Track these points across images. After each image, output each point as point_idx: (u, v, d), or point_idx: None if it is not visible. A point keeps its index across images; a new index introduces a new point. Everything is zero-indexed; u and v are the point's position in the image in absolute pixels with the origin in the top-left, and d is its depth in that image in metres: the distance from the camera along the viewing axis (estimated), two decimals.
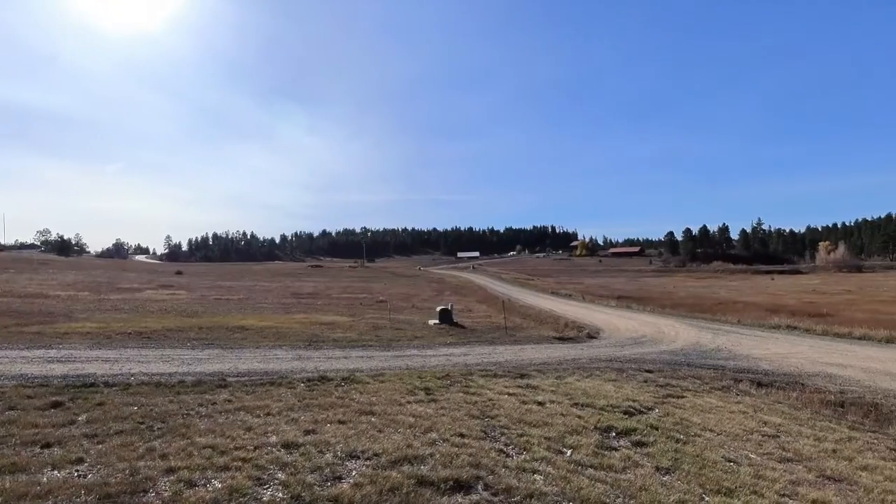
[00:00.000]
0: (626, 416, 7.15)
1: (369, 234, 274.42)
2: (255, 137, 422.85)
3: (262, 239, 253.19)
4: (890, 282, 66.91)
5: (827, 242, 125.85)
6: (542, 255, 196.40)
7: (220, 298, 32.90)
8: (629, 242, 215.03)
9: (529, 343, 16.46)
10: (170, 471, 4.39)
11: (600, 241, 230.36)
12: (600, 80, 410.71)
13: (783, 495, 4.65)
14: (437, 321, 21.01)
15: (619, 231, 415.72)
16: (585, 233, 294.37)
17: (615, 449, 5.76)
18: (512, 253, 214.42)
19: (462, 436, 5.88)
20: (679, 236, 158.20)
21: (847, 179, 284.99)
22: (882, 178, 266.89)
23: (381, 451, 5.15)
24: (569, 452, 5.52)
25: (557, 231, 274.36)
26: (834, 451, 6.12)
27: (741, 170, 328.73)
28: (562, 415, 7.09)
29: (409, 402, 7.46)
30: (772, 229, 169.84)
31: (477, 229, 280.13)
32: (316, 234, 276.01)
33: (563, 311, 29.55)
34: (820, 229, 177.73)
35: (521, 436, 6.01)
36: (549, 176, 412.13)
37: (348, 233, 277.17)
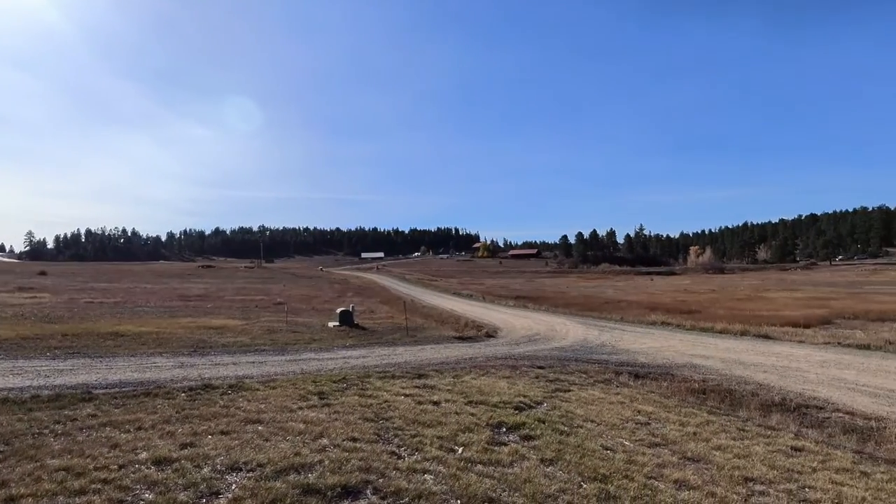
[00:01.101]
0: (517, 412, 7.43)
1: (268, 232, 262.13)
2: (138, 125, 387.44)
3: (145, 237, 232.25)
4: (745, 281, 76.20)
5: (696, 247, 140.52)
6: (445, 256, 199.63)
7: (92, 302, 29.61)
8: (528, 245, 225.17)
9: (430, 343, 16.59)
10: (9, 500, 3.84)
11: (501, 244, 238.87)
12: (504, 87, 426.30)
13: (650, 478, 5.07)
14: (337, 323, 20.52)
15: (518, 234, 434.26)
16: (487, 235, 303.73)
17: (504, 444, 5.95)
18: (416, 254, 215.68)
19: (354, 440, 5.76)
20: (572, 240, 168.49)
21: (714, 192, 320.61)
22: (740, 191, 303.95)
23: (265, 461, 4.89)
24: (460, 450, 5.61)
25: (461, 233, 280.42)
26: (695, 434, 6.80)
27: (628, 179, 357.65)
28: (456, 413, 7.20)
29: (301, 408, 7.18)
30: (652, 234, 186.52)
31: (382, 230, 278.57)
32: (208, 232, 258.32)
33: (464, 311, 30.19)
34: (691, 235, 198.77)
35: (415, 436, 6.01)
36: (454, 178, 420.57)
37: (244, 231, 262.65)
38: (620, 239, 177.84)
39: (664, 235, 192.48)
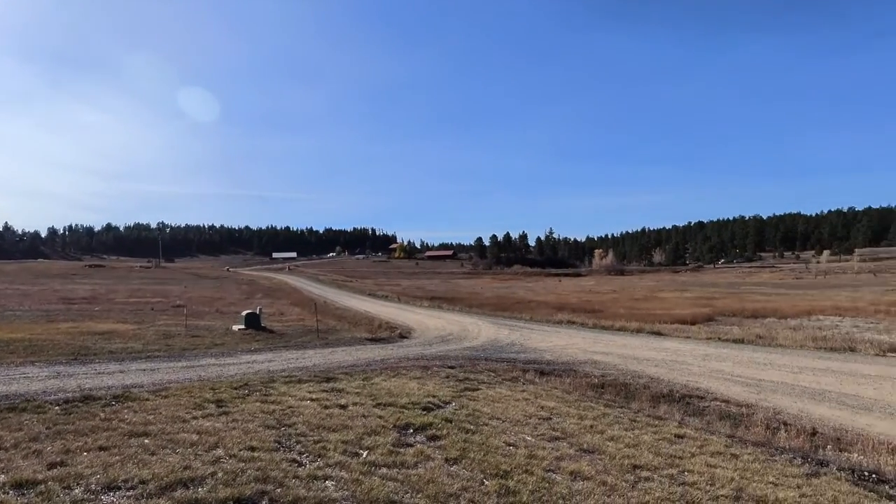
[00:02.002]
0: (425, 413, 7.44)
1: (168, 230, 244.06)
2: (13, 106, 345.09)
3: (20, 232, 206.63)
4: (643, 282, 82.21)
5: (600, 250, 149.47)
6: (361, 256, 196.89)
7: None
8: (444, 246, 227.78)
9: (341, 345, 16.25)
10: None
11: (418, 245, 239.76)
12: (424, 90, 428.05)
13: (549, 470, 5.27)
14: (242, 326, 19.51)
15: (435, 235, 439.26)
16: (404, 236, 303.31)
17: (411, 445, 5.93)
18: (331, 254, 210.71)
19: (252, 449, 5.47)
20: (487, 242, 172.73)
21: (618, 199, 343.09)
22: (640, 199, 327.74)
23: (149, 477, 4.50)
24: (365, 454, 5.51)
25: (378, 233, 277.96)
26: (591, 426, 7.18)
27: (541, 184, 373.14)
28: (363, 416, 7.08)
29: (195, 418, 6.72)
30: (561, 238, 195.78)
31: (295, 229, 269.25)
32: (98, 228, 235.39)
33: (378, 312, 29.91)
34: (596, 239, 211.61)
35: (318, 442, 5.83)
36: (372, 178, 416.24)
37: (141, 228, 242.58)
38: (532, 242, 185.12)
39: (572, 239, 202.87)
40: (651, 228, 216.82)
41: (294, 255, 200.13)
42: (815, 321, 27.98)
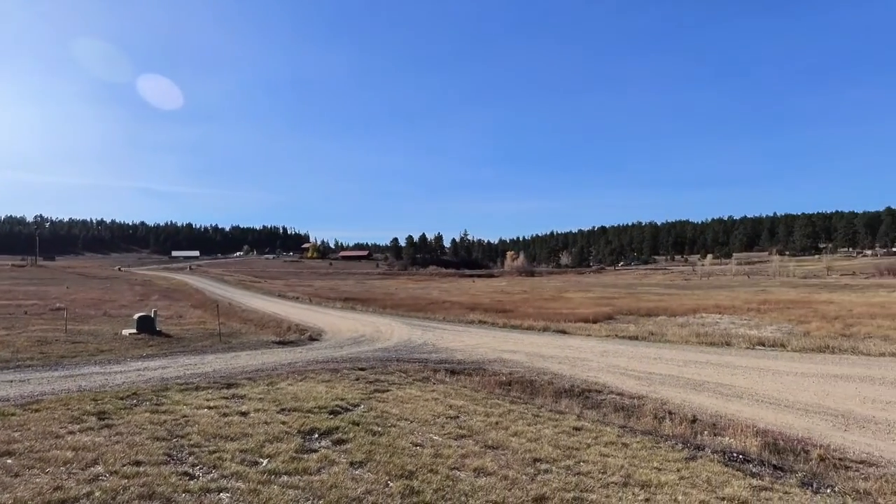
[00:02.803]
0: (332, 416, 7.28)
1: (48, 224, 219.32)
2: None
3: None
4: (551, 283, 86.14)
5: (512, 252, 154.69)
6: (272, 256, 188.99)
7: None
8: (359, 246, 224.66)
9: (246, 349, 15.47)
10: None
11: (332, 245, 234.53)
12: (341, 88, 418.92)
13: (453, 468, 5.35)
14: (134, 331, 17.98)
15: (350, 235, 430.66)
16: (318, 236, 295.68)
17: (315, 451, 5.77)
18: (238, 253, 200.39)
19: (138, 464, 5.05)
20: (403, 242, 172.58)
21: (529, 203, 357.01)
22: (549, 204, 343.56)
23: (10, 502, 4.01)
24: (265, 462, 5.28)
25: (289, 232, 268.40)
26: (497, 423, 7.40)
27: (456, 187, 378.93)
28: (265, 423, 6.79)
29: (71, 433, 6.08)
30: (475, 239, 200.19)
31: (198, 226, 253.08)
32: None
33: (288, 313, 28.84)
34: (508, 241, 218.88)
35: (214, 452, 5.50)
36: (283, 175, 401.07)
37: (15, 222, 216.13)
38: (447, 243, 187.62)
39: (486, 241, 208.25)
40: (559, 232, 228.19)
41: (196, 253, 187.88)
42: (699, 318, 30.83)
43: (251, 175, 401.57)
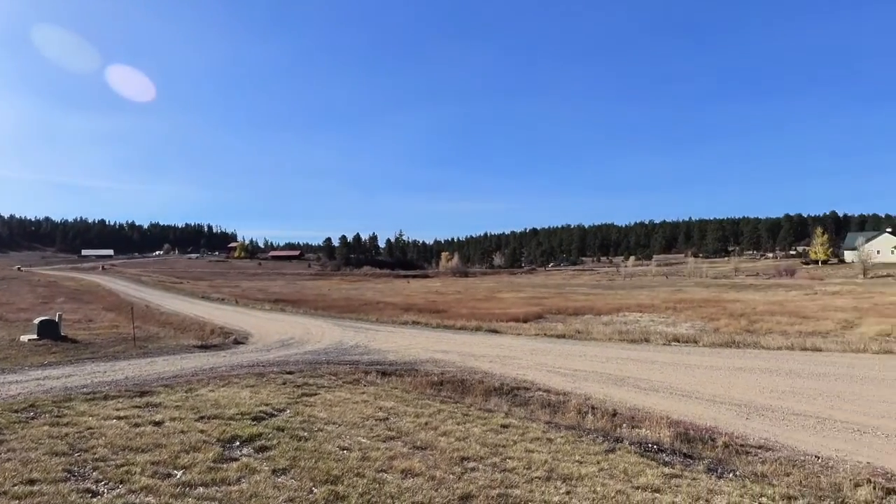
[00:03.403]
0: (255, 423, 6.99)
1: None
2: None
3: None
4: (484, 284, 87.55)
5: (447, 253, 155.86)
6: (195, 256, 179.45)
7: None
8: (290, 246, 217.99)
9: (164, 355, 14.57)
10: None
11: (262, 244, 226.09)
12: (272, 82, 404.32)
13: (380, 471, 5.30)
14: (34, 336, 16.47)
15: (281, 234, 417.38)
16: (246, 235, 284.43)
17: (235, 459, 5.51)
18: (158, 252, 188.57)
19: (32, 482, 4.61)
20: (336, 242, 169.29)
21: (462, 204, 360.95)
22: (483, 205, 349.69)
23: None
24: (179, 474, 4.98)
25: (215, 231, 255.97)
26: (426, 423, 7.41)
27: (391, 187, 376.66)
28: (182, 432, 6.41)
29: None
30: (410, 240, 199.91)
31: (112, 223, 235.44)
32: None
33: (212, 316, 27.48)
34: (443, 242, 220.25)
35: (122, 466, 5.12)
36: (208, 171, 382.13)
37: None
38: (382, 243, 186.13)
39: (421, 241, 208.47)
40: (492, 233, 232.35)
41: (110, 252, 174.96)
42: (622, 317, 32.46)
43: (173, 170, 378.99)
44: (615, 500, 4.79)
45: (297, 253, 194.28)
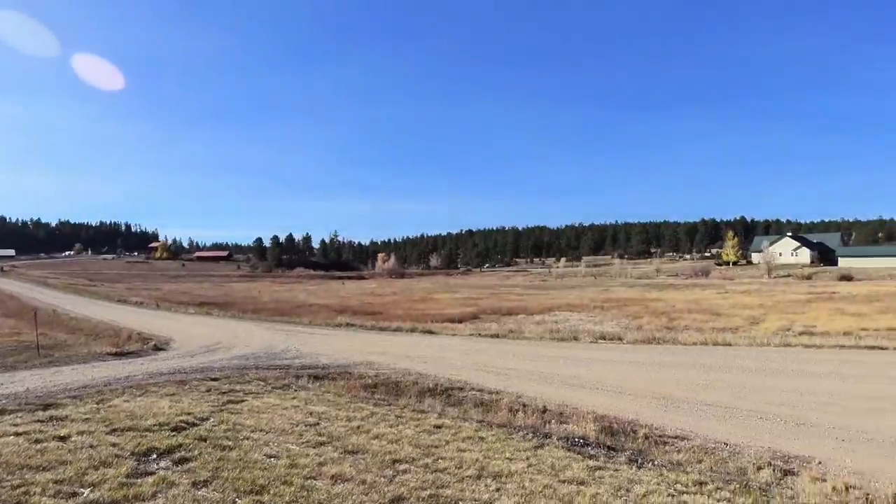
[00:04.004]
0: (175, 433, 6.60)
1: None
2: None
3: None
4: (421, 285, 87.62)
5: (383, 254, 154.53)
6: (111, 256, 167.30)
7: None
8: (218, 246, 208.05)
9: (72, 363, 13.48)
10: None
11: (186, 245, 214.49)
12: (198, 70, 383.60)
13: (309, 478, 5.16)
14: None
15: (208, 234, 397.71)
16: (169, 234, 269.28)
17: (151, 473, 5.17)
18: (69, 253, 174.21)
19: None
20: (267, 243, 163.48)
21: (398, 205, 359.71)
22: (420, 206, 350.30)
23: None
24: (87, 492, 4.61)
25: (133, 230, 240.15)
26: (358, 427, 7.30)
27: (325, 186, 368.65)
28: (91, 447, 5.94)
29: None
30: (346, 241, 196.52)
31: (13, 220, 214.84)
32: None
33: (128, 321, 25.72)
34: (380, 243, 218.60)
35: (19, 486, 4.68)
36: (126, 165, 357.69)
37: None
38: (316, 244, 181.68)
39: (357, 242, 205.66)
40: (429, 235, 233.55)
41: (12, 252, 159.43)
42: (553, 316, 33.53)
43: (86, 163, 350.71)
44: (542, 495, 4.94)
45: (225, 254, 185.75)
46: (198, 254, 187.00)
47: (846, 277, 65.69)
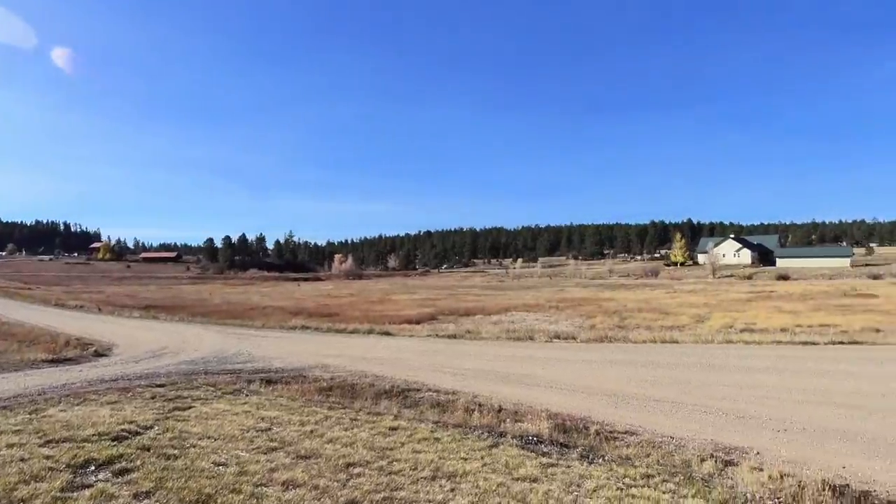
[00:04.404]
0: (116, 443, 6.29)
1: None
2: None
3: None
4: (378, 286, 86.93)
5: (340, 255, 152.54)
6: (48, 257, 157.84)
7: None
8: (165, 247, 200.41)
9: (3, 371, 12.63)
10: None
11: (131, 245, 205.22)
12: (148, 67, 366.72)
13: (259, 485, 5.02)
14: None
15: (155, 234, 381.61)
16: (113, 234, 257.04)
17: (88, 486, 4.91)
18: (1, 254, 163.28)
19: None
20: (219, 243, 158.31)
21: (356, 205, 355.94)
22: (378, 207, 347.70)
23: None
24: None
25: (73, 230, 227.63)
26: (312, 431, 7.16)
27: (280, 186, 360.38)
28: (21, 460, 5.58)
29: None
30: (301, 241, 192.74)
31: None
32: None
33: (67, 326, 24.34)
34: (336, 244, 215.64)
35: None
36: (65, 161, 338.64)
37: None
38: (270, 244, 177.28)
39: (313, 243, 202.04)
40: (387, 235, 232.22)
41: None
42: (510, 316, 33.94)
43: (19, 158, 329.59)
44: (496, 493, 4.98)
45: (173, 255, 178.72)
46: (144, 255, 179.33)
47: (783, 277, 69.66)
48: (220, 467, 5.51)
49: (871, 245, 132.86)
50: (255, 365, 14.24)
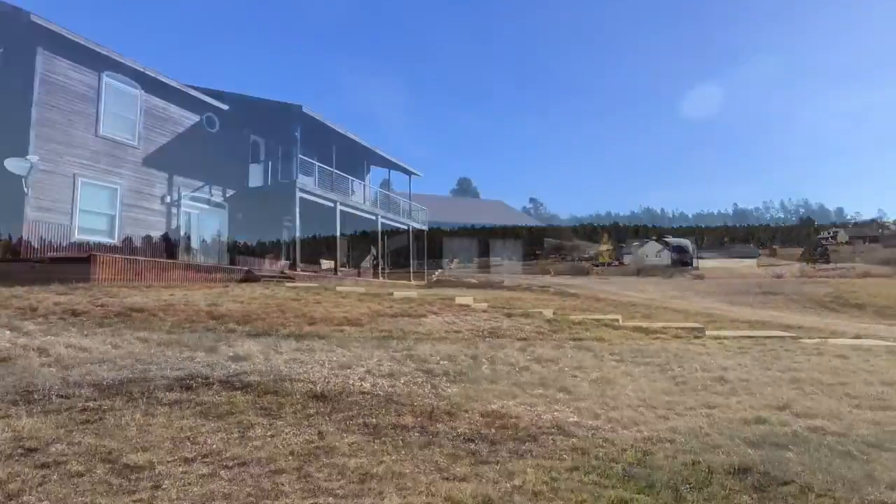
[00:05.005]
0: None
1: None
2: None
3: None
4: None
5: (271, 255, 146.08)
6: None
7: None
8: None
9: None
10: None
11: None
12: None
13: None
14: None
15: None
16: None
17: None
18: None
19: None
20: None
21: None
22: None
23: None
24: None
25: None
26: None
27: None
28: None
29: None
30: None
31: None
32: None
33: None
34: (267, 243, 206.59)
35: None
36: None
37: None
38: None
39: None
40: (321, 236, 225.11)
41: None
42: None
43: None
44: None
45: None
46: None
47: (699, 276, 74.28)
48: None
49: (775, 247, 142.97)
50: None
